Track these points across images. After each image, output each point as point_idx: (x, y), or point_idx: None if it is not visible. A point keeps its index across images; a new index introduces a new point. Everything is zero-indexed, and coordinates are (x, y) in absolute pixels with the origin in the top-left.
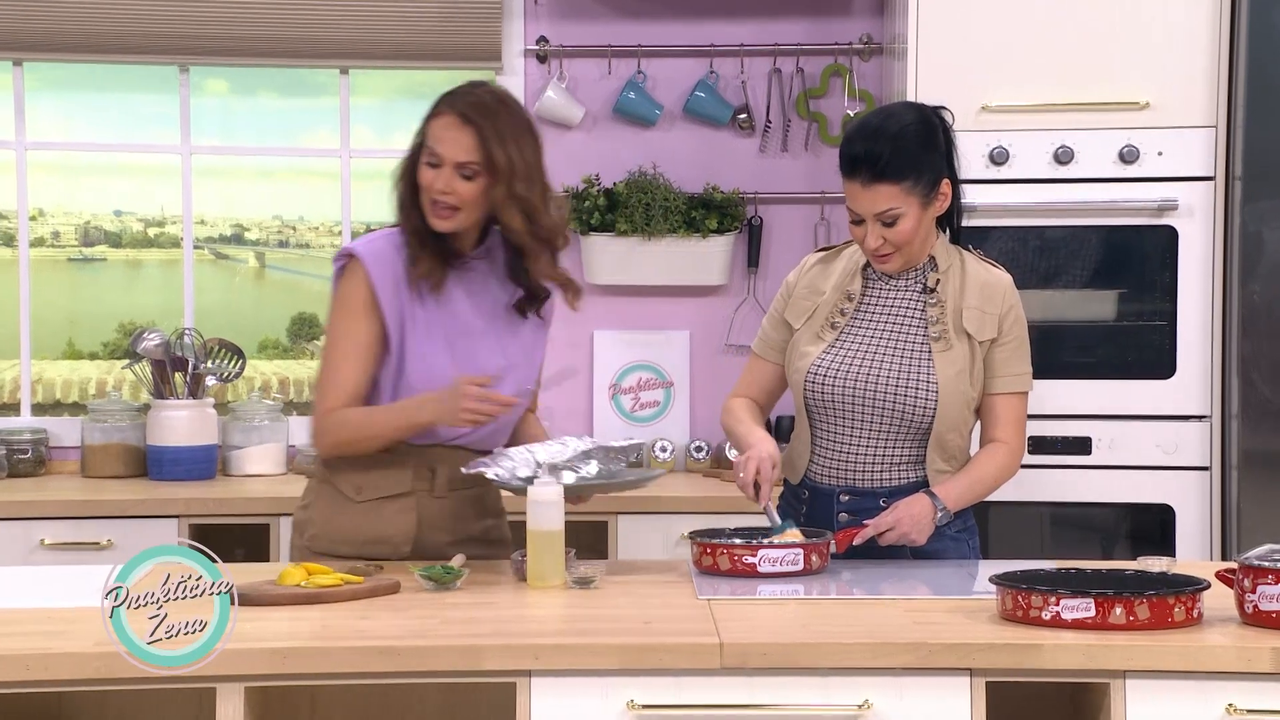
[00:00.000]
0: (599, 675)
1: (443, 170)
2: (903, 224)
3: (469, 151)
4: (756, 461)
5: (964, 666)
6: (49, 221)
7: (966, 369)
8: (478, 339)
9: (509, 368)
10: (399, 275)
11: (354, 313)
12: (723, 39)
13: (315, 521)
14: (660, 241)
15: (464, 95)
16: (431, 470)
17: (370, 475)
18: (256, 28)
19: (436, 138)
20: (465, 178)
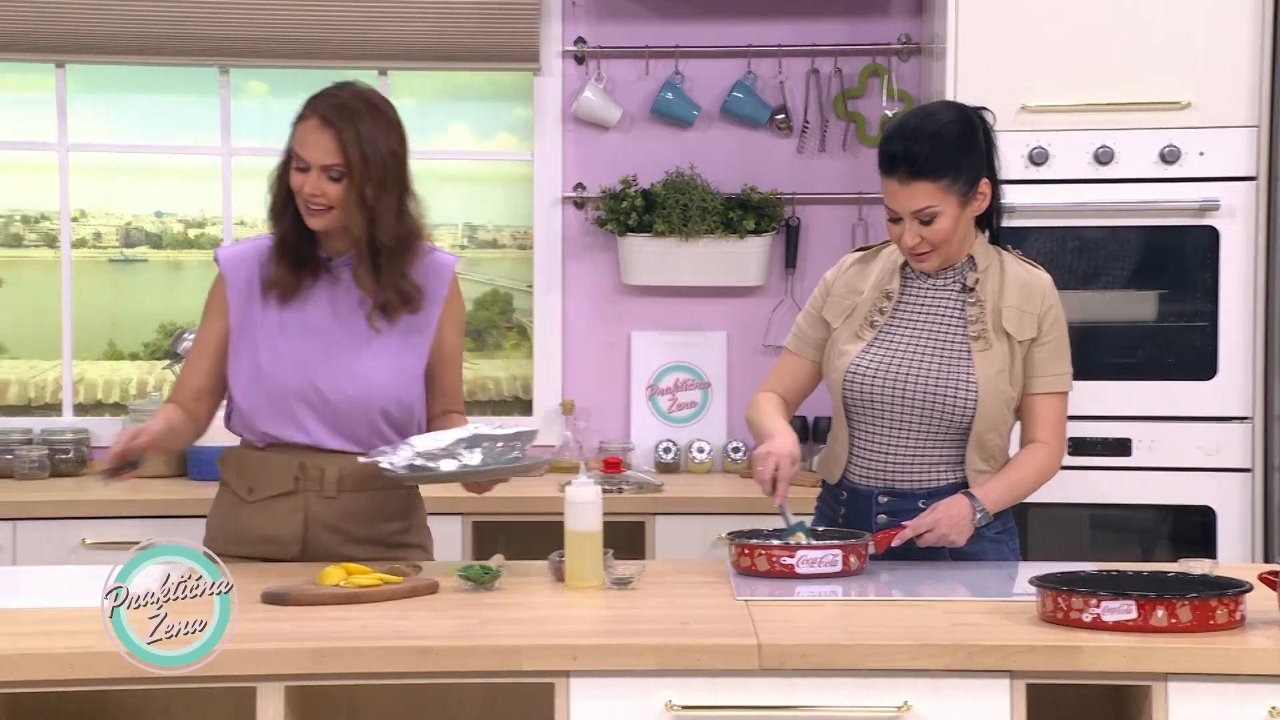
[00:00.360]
0: (637, 676)
1: (310, 174)
2: (940, 222)
3: (331, 154)
4: (776, 458)
5: (1004, 668)
6: (90, 223)
7: (1006, 369)
8: (334, 343)
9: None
10: (254, 279)
11: (206, 314)
12: (761, 39)
13: (212, 523)
14: (698, 242)
15: (327, 97)
16: (321, 470)
17: (261, 475)
18: (296, 30)
19: (301, 141)
20: (333, 179)
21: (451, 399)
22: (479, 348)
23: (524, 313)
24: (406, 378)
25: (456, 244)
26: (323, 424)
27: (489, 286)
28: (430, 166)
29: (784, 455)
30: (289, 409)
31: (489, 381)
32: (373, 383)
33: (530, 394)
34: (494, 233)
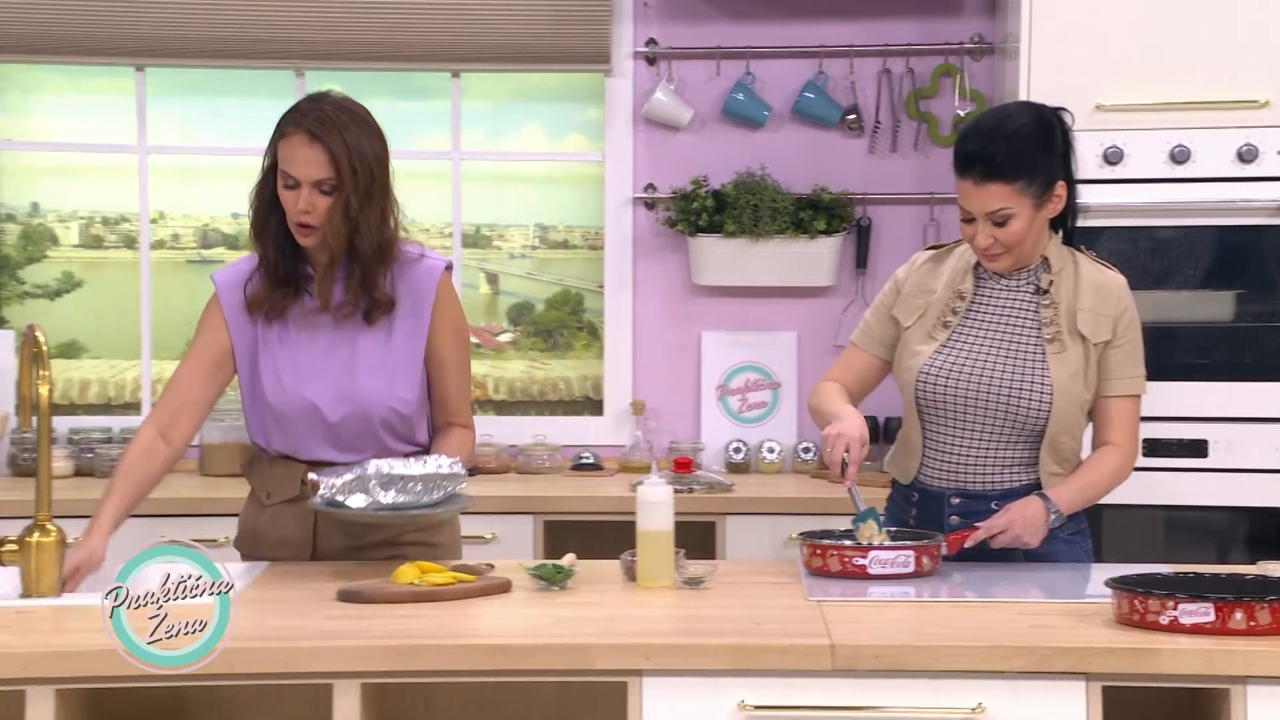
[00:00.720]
0: (710, 675)
1: (301, 190)
2: (1014, 224)
3: (322, 168)
4: (845, 440)
5: (1080, 671)
6: (168, 224)
7: (1080, 371)
8: (328, 361)
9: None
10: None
11: (202, 327)
12: (832, 40)
13: (240, 523)
14: (768, 242)
15: (309, 112)
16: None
17: (274, 481)
18: (370, 33)
19: (288, 159)
20: (324, 193)
21: (453, 410)
22: (550, 348)
23: (595, 313)
24: (399, 389)
25: (528, 244)
26: (326, 442)
27: (560, 287)
28: (502, 167)
29: (854, 437)
30: (294, 430)
31: (559, 381)
32: (369, 400)
33: (600, 394)
34: (565, 233)
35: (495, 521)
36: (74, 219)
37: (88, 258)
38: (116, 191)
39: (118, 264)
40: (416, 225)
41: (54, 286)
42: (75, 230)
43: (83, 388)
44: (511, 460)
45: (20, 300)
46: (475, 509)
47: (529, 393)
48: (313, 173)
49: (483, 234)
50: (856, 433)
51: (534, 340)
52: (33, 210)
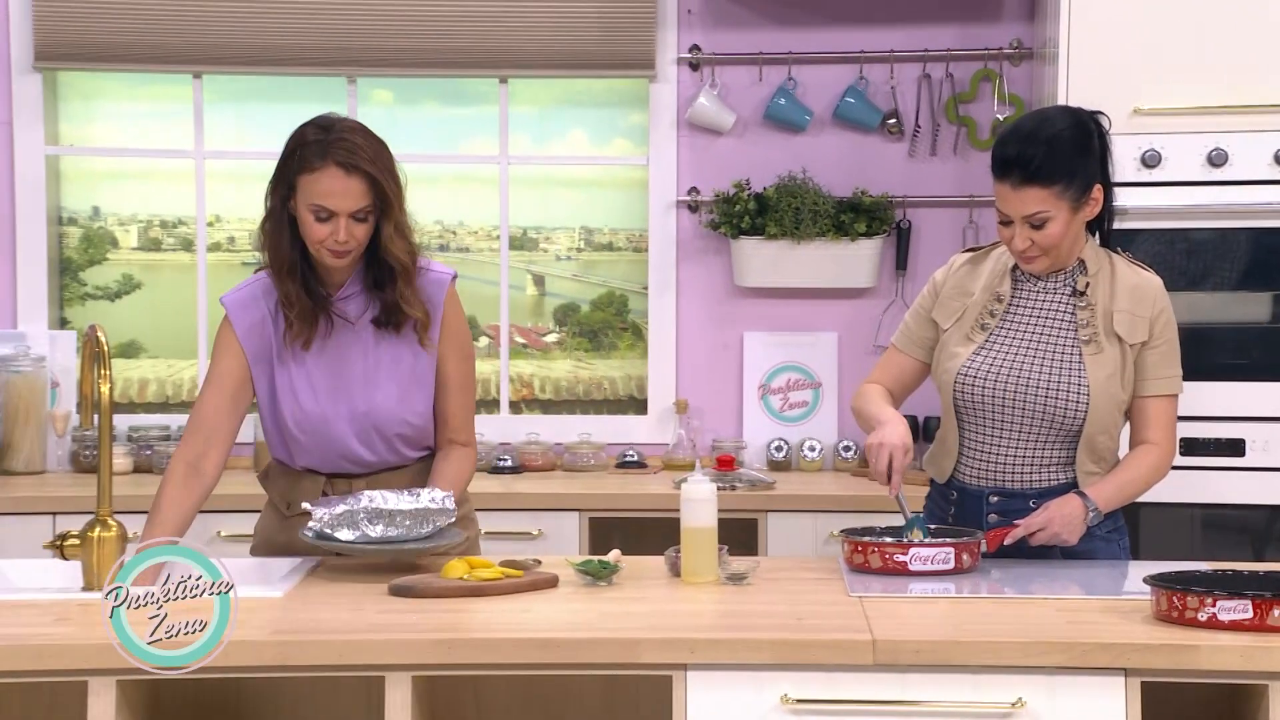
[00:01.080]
0: (754, 669)
1: (338, 221)
2: (1051, 227)
3: (361, 198)
4: (890, 449)
5: (1119, 666)
6: (224, 227)
7: (1117, 372)
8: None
9: (389, 394)
10: (265, 319)
11: (218, 353)
12: (873, 45)
13: (258, 532)
14: (809, 245)
15: (337, 144)
16: (349, 485)
17: (296, 493)
18: (420, 40)
19: (321, 193)
20: (359, 220)
21: (455, 428)
22: (595, 348)
23: (639, 314)
24: (415, 404)
25: (574, 246)
26: (345, 459)
27: (605, 288)
28: (548, 171)
29: (897, 446)
30: (313, 448)
31: (604, 381)
32: (386, 417)
33: (645, 394)
34: (610, 235)
35: (541, 518)
36: (133, 222)
37: (146, 260)
38: (174, 196)
39: (175, 266)
40: (465, 228)
41: (114, 288)
42: (134, 233)
43: (141, 386)
44: (557, 458)
45: (82, 301)
46: (522, 506)
47: (575, 392)
48: (350, 204)
49: (529, 236)
50: (900, 440)
51: (579, 340)
52: (94, 214)
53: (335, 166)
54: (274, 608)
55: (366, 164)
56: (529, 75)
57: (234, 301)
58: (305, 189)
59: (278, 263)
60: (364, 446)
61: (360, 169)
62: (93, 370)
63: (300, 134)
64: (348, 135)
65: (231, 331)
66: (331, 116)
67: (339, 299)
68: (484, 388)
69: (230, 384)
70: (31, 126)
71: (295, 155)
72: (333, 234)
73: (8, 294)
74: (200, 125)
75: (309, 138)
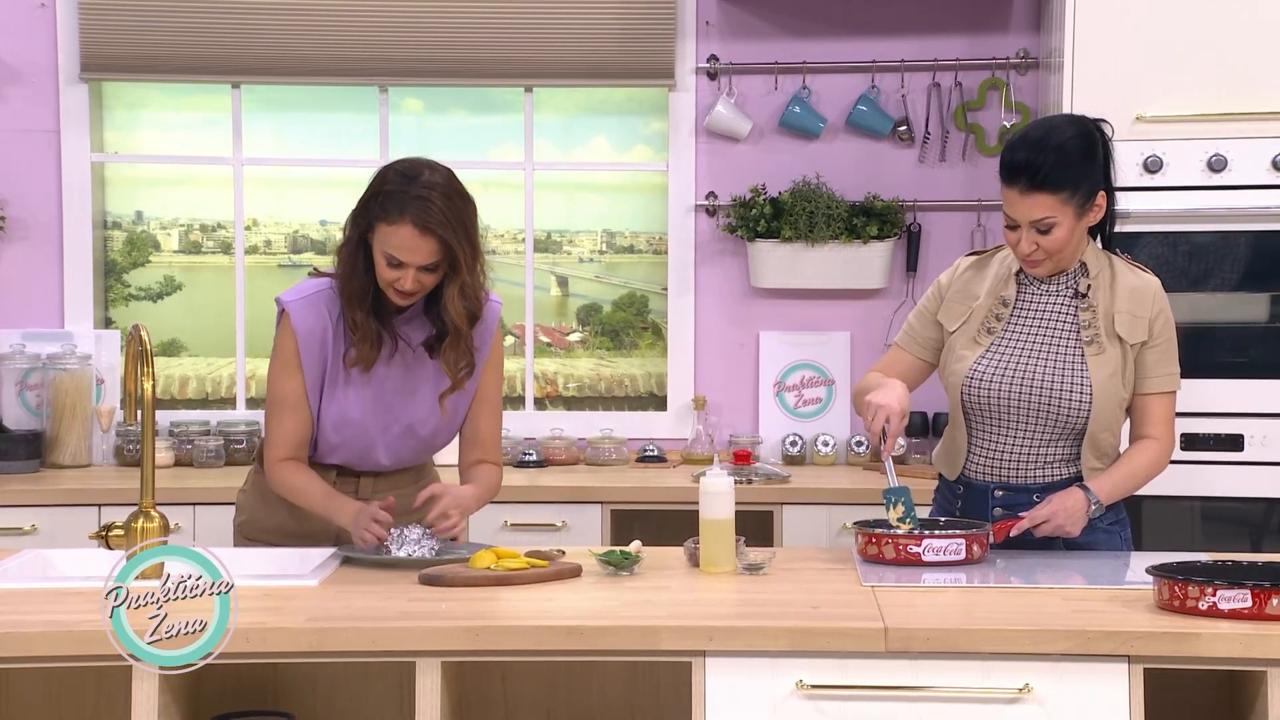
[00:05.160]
0: (770, 656)
1: (407, 270)
2: (1056, 232)
3: (431, 255)
4: (886, 412)
5: (1122, 653)
6: (261, 231)
7: (1119, 371)
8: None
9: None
10: (326, 330)
11: (287, 365)
12: (884, 55)
13: (247, 509)
14: (823, 247)
15: (415, 202)
16: (356, 479)
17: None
18: (449, 51)
19: (395, 245)
20: (428, 270)
21: (487, 448)
22: (617, 346)
23: (659, 314)
24: (456, 424)
25: (596, 249)
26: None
27: (626, 289)
28: (572, 177)
29: (894, 410)
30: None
31: (626, 378)
32: (431, 439)
33: (664, 390)
34: (631, 238)
35: (565, 510)
36: (175, 226)
37: (187, 262)
38: (214, 201)
39: (214, 268)
40: (492, 232)
41: (156, 289)
42: (176, 237)
43: (182, 384)
44: (580, 452)
45: (125, 302)
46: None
47: (597, 389)
48: (421, 259)
49: (553, 239)
50: (897, 404)
51: (602, 339)
52: (137, 218)
53: (411, 225)
54: (309, 596)
55: (440, 227)
56: (553, 85)
57: (297, 308)
58: (381, 235)
59: (349, 289)
60: (388, 456)
61: (434, 232)
62: (136, 368)
63: (383, 177)
64: (427, 194)
65: (293, 339)
66: (418, 165)
67: (402, 321)
68: (510, 385)
69: (300, 403)
70: (78, 135)
71: (376, 199)
72: (401, 280)
73: (55, 295)
74: (239, 133)
75: (390, 185)
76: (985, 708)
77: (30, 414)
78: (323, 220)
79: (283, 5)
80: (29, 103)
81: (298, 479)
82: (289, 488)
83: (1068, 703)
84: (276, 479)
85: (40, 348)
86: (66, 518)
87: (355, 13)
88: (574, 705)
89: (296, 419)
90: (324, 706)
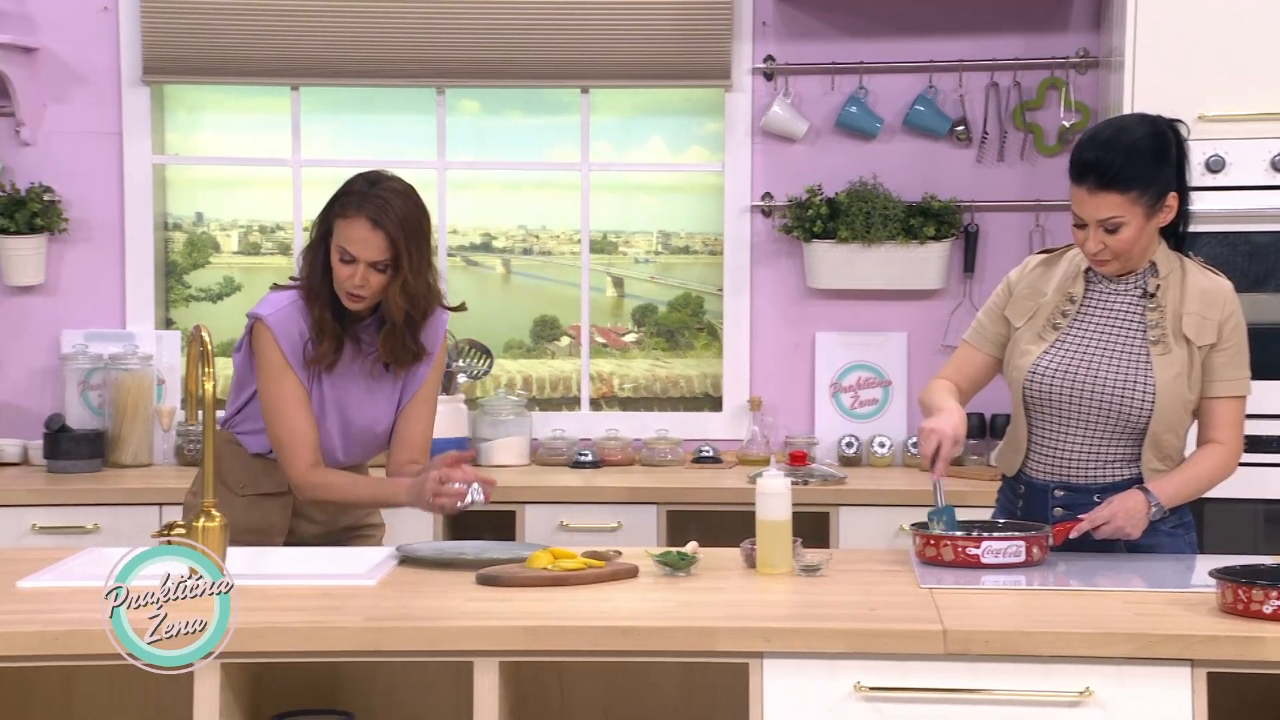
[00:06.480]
0: (827, 658)
1: (357, 266)
2: (1124, 232)
3: (381, 252)
4: (938, 437)
5: (1185, 657)
6: None
7: (1185, 372)
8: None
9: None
10: (303, 334)
11: (282, 372)
12: (942, 55)
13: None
14: (879, 248)
15: (373, 200)
16: None
17: (254, 474)
18: (506, 53)
19: (348, 239)
20: (378, 271)
21: (417, 448)
22: (672, 347)
23: (714, 314)
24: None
25: (652, 250)
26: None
27: (681, 290)
28: (628, 178)
29: (947, 435)
30: None
31: (681, 379)
32: (382, 441)
33: (720, 391)
34: (686, 239)
35: (620, 511)
36: (234, 228)
37: (246, 263)
38: (272, 202)
39: (273, 269)
40: (547, 233)
41: (216, 290)
42: (235, 238)
43: None
44: (636, 453)
45: (186, 303)
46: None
47: (652, 390)
48: (371, 254)
49: (609, 240)
50: (951, 431)
51: (657, 340)
52: (197, 220)
53: (365, 219)
54: (367, 595)
55: (391, 224)
56: (610, 85)
57: (276, 320)
58: (338, 232)
59: (310, 289)
60: (345, 453)
61: (384, 227)
62: (197, 368)
63: (350, 183)
64: (386, 195)
65: (278, 348)
66: (382, 173)
67: (362, 328)
68: (565, 385)
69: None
70: (140, 137)
71: (339, 200)
72: (351, 277)
73: (117, 296)
74: (297, 135)
75: (354, 188)
76: (1045, 711)
77: (93, 414)
78: None
79: (341, 8)
80: (92, 105)
81: (338, 479)
82: (333, 489)
83: (1130, 707)
84: (314, 483)
85: (102, 348)
86: (128, 517)
87: (413, 15)
88: (630, 706)
89: (306, 418)
90: (383, 705)
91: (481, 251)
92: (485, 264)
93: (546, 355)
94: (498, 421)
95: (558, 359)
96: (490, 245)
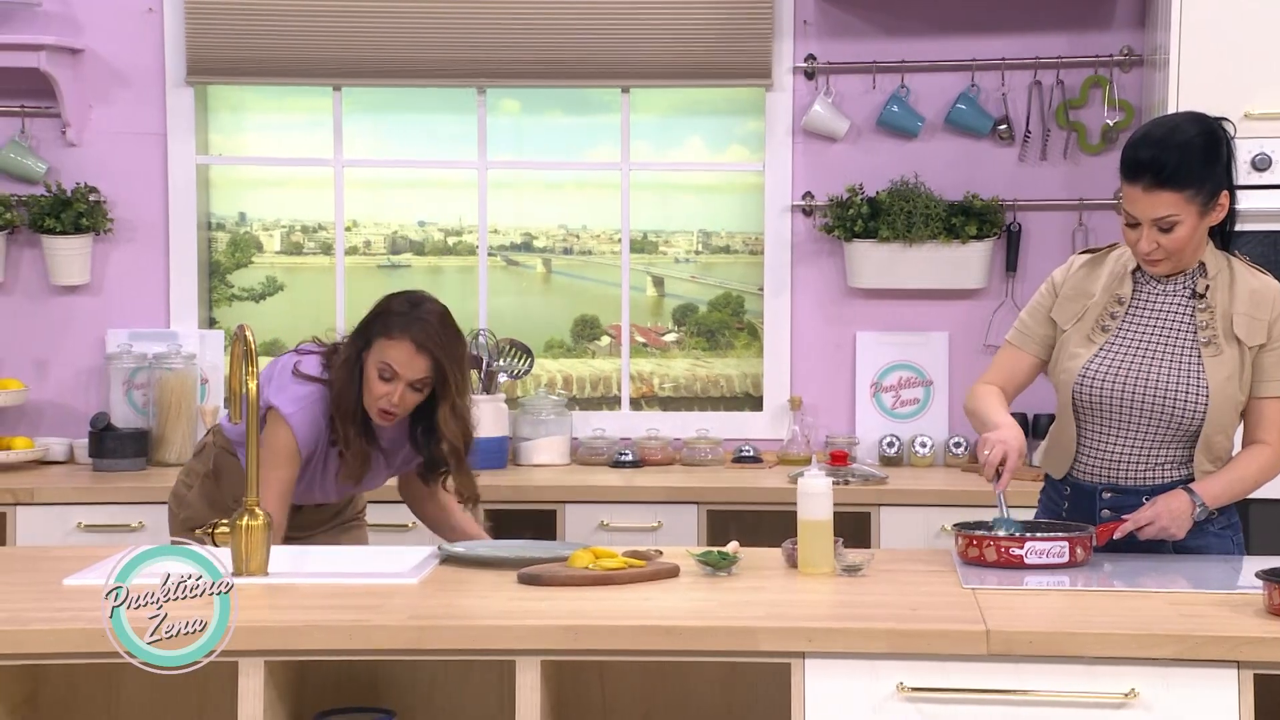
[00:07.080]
0: (870, 658)
1: (397, 384)
2: (1178, 231)
3: (423, 371)
4: (1004, 448)
5: (1232, 659)
6: (361, 232)
7: (1236, 374)
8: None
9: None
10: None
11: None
12: (984, 53)
13: (193, 505)
14: (921, 247)
15: (416, 323)
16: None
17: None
18: (547, 53)
19: (393, 358)
20: (415, 390)
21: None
22: (712, 347)
23: (755, 314)
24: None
25: (692, 249)
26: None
27: (722, 290)
28: (668, 177)
29: (1013, 448)
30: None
31: (721, 379)
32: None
33: (760, 391)
34: (727, 239)
35: (661, 510)
36: (276, 228)
37: (289, 263)
38: (315, 202)
39: (315, 269)
40: (588, 232)
41: (259, 290)
42: (278, 238)
43: None
44: (676, 453)
45: (229, 302)
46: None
47: (692, 389)
48: (413, 374)
49: (649, 240)
50: (1016, 444)
51: (697, 340)
52: (240, 220)
53: (410, 341)
54: (410, 594)
55: (436, 348)
56: (650, 85)
57: (298, 420)
58: (379, 349)
59: (343, 404)
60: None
61: (429, 350)
62: (240, 367)
63: (389, 303)
64: (428, 318)
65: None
66: (420, 294)
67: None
68: (605, 385)
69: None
70: (184, 138)
71: (379, 319)
72: (388, 394)
73: (161, 295)
74: (339, 135)
75: (395, 309)
76: (1090, 712)
77: (137, 413)
78: (421, 221)
79: (383, 9)
80: (136, 106)
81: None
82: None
83: (1175, 708)
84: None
85: (146, 347)
86: None
87: (454, 15)
88: (671, 706)
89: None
90: (425, 703)
91: (522, 251)
92: (526, 263)
93: (587, 355)
94: (538, 421)
95: (598, 358)
96: (531, 245)
